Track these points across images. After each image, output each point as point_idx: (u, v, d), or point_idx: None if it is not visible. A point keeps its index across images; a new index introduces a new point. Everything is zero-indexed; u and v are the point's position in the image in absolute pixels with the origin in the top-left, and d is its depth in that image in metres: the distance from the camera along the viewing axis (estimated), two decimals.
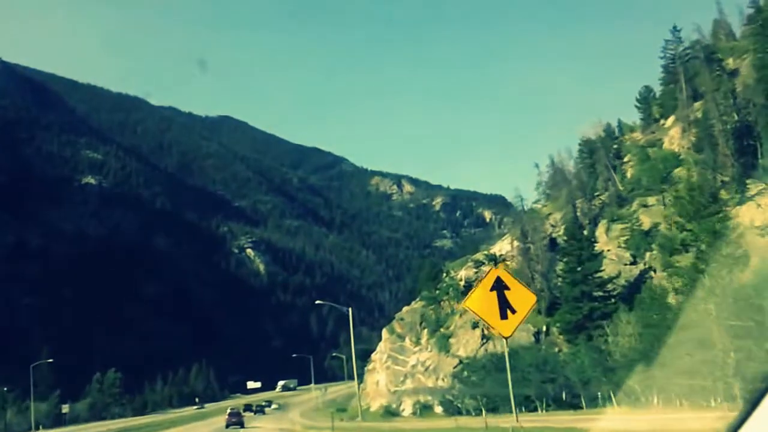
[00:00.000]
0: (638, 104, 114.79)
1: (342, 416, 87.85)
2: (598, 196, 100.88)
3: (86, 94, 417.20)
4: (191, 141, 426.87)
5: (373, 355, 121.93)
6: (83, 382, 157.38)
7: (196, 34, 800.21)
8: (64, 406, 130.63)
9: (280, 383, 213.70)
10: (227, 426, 76.66)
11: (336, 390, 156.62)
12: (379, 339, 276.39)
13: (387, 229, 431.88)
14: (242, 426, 76.88)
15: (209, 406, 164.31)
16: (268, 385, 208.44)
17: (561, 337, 79.18)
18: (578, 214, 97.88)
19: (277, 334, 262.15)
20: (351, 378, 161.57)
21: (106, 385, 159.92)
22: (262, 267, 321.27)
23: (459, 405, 74.42)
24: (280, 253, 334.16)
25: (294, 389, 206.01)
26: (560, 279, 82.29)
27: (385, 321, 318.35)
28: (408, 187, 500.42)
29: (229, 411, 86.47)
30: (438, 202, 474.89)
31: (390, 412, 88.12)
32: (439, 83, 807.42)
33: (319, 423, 76.32)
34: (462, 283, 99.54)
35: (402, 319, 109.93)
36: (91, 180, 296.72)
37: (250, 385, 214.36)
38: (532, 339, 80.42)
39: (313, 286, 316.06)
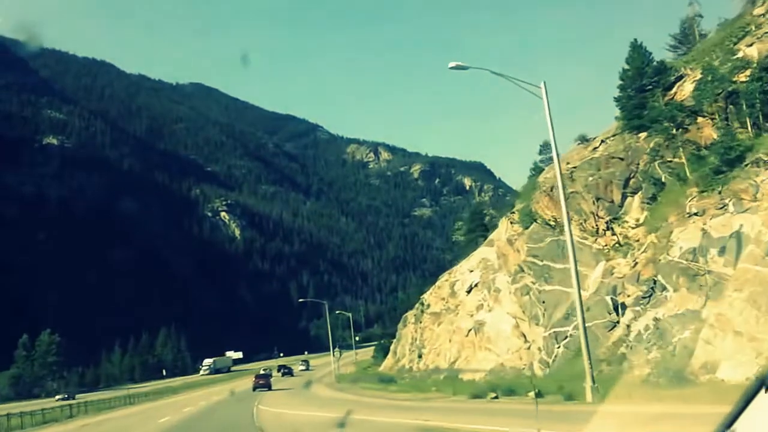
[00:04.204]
0: None
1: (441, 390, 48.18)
2: None
3: (51, 58, 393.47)
4: (161, 105, 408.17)
5: (432, 293, 76.77)
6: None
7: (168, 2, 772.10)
8: None
9: (206, 362, 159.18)
10: (254, 389, 75.14)
11: (344, 357, 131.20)
12: (364, 309, 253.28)
13: (365, 197, 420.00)
14: (269, 388, 75.30)
15: (161, 383, 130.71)
16: (249, 357, 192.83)
17: None
18: None
19: (255, 302, 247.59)
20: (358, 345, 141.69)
21: (38, 351, 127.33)
22: (237, 231, 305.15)
23: None
24: (256, 218, 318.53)
25: (228, 371, 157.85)
26: None
27: (368, 289, 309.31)
28: (385, 155, 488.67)
29: (258, 373, 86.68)
30: (416, 169, 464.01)
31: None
32: (415, 51, 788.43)
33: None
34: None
35: (551, 189, 49.02)
36: (52, 140, 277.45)
37: (229, 355, 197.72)
38: None
39: (291, 253, 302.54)
